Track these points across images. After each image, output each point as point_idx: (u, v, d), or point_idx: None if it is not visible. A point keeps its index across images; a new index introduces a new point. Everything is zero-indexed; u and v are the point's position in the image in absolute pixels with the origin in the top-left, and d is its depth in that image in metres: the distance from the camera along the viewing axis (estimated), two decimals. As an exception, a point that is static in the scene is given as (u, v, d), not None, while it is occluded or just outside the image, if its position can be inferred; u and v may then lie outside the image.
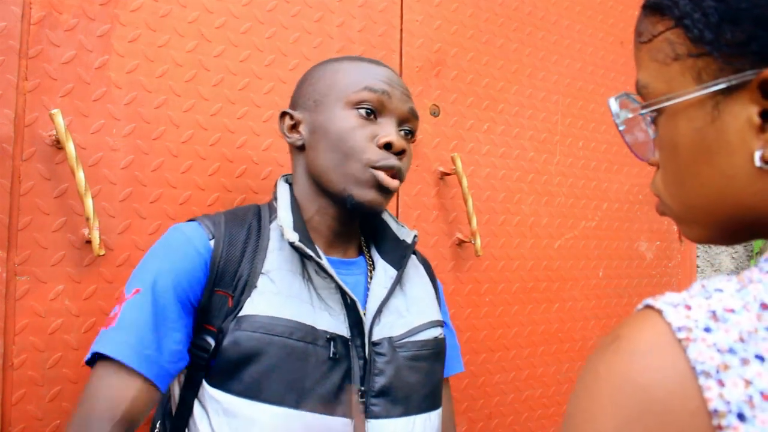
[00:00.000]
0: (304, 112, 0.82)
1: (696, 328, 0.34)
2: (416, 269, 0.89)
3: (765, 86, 0.38)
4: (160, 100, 0.97)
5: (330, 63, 0.84)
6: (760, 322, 0.34)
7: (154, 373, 0.69)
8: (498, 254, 1.34)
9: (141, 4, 0.96)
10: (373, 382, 0.75)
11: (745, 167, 0.40)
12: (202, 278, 0.73)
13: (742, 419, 0.32)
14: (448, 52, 1.29)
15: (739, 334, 0.34)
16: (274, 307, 0.72)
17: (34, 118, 0.87)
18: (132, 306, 0.70)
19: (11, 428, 0.84)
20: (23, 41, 0.87)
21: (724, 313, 0.35)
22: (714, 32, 0.40)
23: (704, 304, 0.36)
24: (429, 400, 0.80)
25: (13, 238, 0.85)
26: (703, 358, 0.33)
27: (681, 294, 0.37)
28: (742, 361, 0.33)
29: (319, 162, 0.78)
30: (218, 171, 1.02)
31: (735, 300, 0.35)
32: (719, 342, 0.34)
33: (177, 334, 0.71)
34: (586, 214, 1.51)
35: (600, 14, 1.57)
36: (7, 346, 0.84)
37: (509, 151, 1.37)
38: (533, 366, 1.39)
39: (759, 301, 0.35)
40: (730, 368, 0.33)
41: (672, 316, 0.35)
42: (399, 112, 0.80)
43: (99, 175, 0.91)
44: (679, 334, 0.34)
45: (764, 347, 0.33)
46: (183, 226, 0.77)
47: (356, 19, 1.18)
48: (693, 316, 0.35)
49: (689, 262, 1.76)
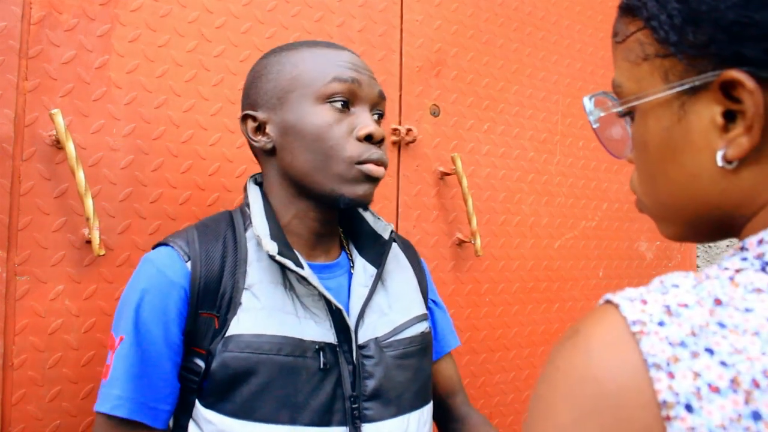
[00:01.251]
0: (267, 112, 0.76)
1: (650, 322, 0.35)
2: (397, 262, 0.87)
3: (726, 87, 0.39)
4: (160, 100, 0.97)
5: (285, 53, 0.78)
6: (712, 317, 0.35)
7: (152, 417, 0.69)
8: (498, 254, 1.34)
9: (141, 4, 0.96)
10: (364, 386, 0.74)
11: (709, 166, 0.41)
12: (183, 308, 0.71)
13: (689, 410, 0.32)
14: (448, 52, 1.29)
15: (691, 328, 0.34)
16: (260, 324, 0.70)
17: (34, 118, 0.87)
18: (120, 357, 0.70)
19: (11, 428, 0.84)
20: (23, 41, 0.87)
21: (677, 308, 0.35)
22: (678, 34, 0.41)
23: (660, 299, 0.36)
24: (420, 396, 0.80)
25: (13, 238, 0.85)
26: (654, 351, 0.34)
27: (639, 289, 0.38)
28: (692, 354, 0.34)
29: (298, 164, 0.74)
30: (218, 171, 1.01)
31: (689, 295, 0.36)
32: (671, 335, 0.34)
33: (166, 373, 0.71)
34: (586, 214, 1.51)
35: (600, 14, 1.57)
36: (7, 346, 0.84)
37: (509, 151, 1.37)
38: (533, 366, 1.39)
39: (713, 296, 0.36)
40: (680, 361, 0.33)
41: (628, 310, 0.36)
42: (370, 98, 0.76)
43: (99, 175, 0.91)
44: (634, 328, 0.35)
45: (714, 341, 0.34)
46: (153, 255, 0.74)
47: (356, 19, 1.18)
48: (648, 311, 0.36)
49: (689, 262, 1.76)
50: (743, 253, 0.39)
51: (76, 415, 0.88)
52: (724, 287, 0.36)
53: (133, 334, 0.70)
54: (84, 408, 0.89)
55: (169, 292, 0.70)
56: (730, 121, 0.40)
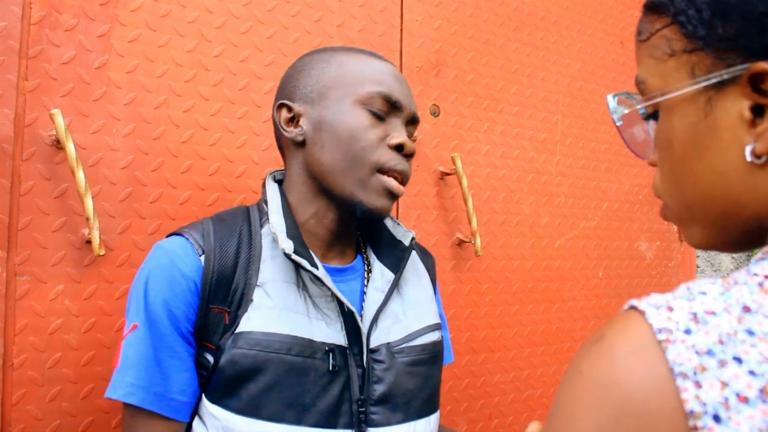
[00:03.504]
0: (304, 105, 0.77)
1: (676, 330, 0.34)
2: (415, 269, 0.87)
3: (755, 80, 0.39)
4: (160, 100, 0.97)
5: (333, 53, 0.79)
6: (740, 324, 0.34)
7: (167, 408, 0.69)
8: (498, 254, 1.34)
9: (141, 4, 0.96)
10: (372, 390, 0.74)
11: (737, 162, 0.40)
12: (194, 300, 0.71)
13: (717, 420, 0.32)
14: (448, 52, 1.29)
15: (718, 336, 0.34)
16: (271, 323, 0.70)
17: (34, 118, 0.87)
18: (131, 344, 0.69)
19: (11, 428, 0.84)
20: (23, 41, 0.87)
21: (704, 315, 0.35)
22: (706, 28, 0.41)
23: (686, 306, 0.36)
24: (428, 405, 0.80)
25: (13, 238, 0.85)
26: (681, 360, 0.33)
27: (665, 295, 0.37)
28: (720, 363, 0.33)
29: (325, 160, 0.74)
30: (218, 171, 1.01)
31: (717, 303, 0.35)
32: (698, 344, 0.34)
33: (182, 361, 0.70)
34: (586, 214, 1.51)
35: (600, 14, 1.57)
36: (7, 346, 0.84)
37: (509, 151, 1.37)
38: (533, 366, 1.39)
39: (741, 303, 0.35)
40: (707, 370, 0.33)
41: (654, 317, 0.35)
42: (406, 114, 0.78)
43: (99, 175, 0.91)
44: (660, 336, 0.34)
45: (742, 349, 0.33)
46: (167, 244, 0.73)
47: (356, 19, 1.18)
48: (674, 318, 0.35)
49: (689, 262, 1.76)
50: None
51: (76, 415, 0.88)
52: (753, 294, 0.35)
53: (146, 321, 0.69)
54: (84, 408, 0.89)
55: (179, 282, 0.70)
56: (758, 115, 0.39)
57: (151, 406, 0.68)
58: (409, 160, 0.77)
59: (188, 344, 0.71)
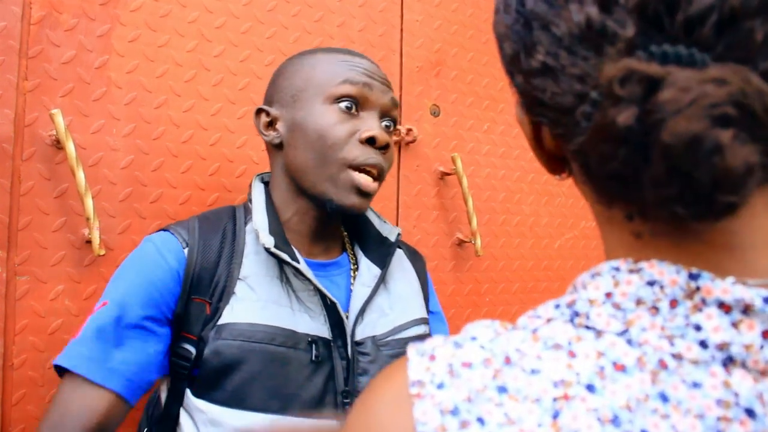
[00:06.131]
0: (280, 109, 0.79)
1: (430, 384, 0.31)
2: (401, 265, 0.88)
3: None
4: (160, 100, 0.97)
5: (305, 56, 0.80)
6: (494, 380, 0.30)
7: (118, 385, 0.68)
8: (498, 254, 1.34)
9: (141, 4, 0.96)
10: (357, 382, 0.74)
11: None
12: (176, 288, 0.71)
13: None
14: (448, 52, 1.29)
15: (468, 392, 0.30)
16: (254, 314, 0.70)
17: (34, 118, 0.87)
18: (96, 319, 0.69)
19: (11, 428, 0.84)
20: (23, 41, 0.87)
21: (460, 368, 0.31)
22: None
23: (449, 354, 0.32)
24: None
25: (13, 238, 0.85)
26: (425, 419, 0.30)
27: (438, 339, 0.34)
28: (462, 423, 0.29)
29: (298, 161, 0.76)
30: (218, 171, 1.01)
31: (479, 353, 0.32)
32: (445, 401, 0.30)
33: (146, 345, 0.70)
34: (586, 214, 1.51)
35: (600, 14, 1.57)
36: (7, 346, 0.84)
37: (509, 151, 1.37)
38: (533, 366, 1.39)
39: (505, 353, 0.31)
40: (447, 431, 0.29)
41: (413, 367, 0.32)
42: (380, 104, 0.77)
43: (99, 175, 0.91)
44: (412, 390, 0.31)
45: (486, 409, 0.29)
46: (155, 236, 0.75)
47: (356, 19, 1.18)
48: (432, 369, 0.32)
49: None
50: (559, 300, 0.34)
51: (76, 415, 0.88)
52: (523, 342, 0.31)
53: (118, 301, 0.69)
54: (84, 408, 0.89)
55: (163, 268, 0.71)
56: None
57: (101, 381, 0.66)
58: (385, 153, 0.77)
59: (161, 327, 0.71)
